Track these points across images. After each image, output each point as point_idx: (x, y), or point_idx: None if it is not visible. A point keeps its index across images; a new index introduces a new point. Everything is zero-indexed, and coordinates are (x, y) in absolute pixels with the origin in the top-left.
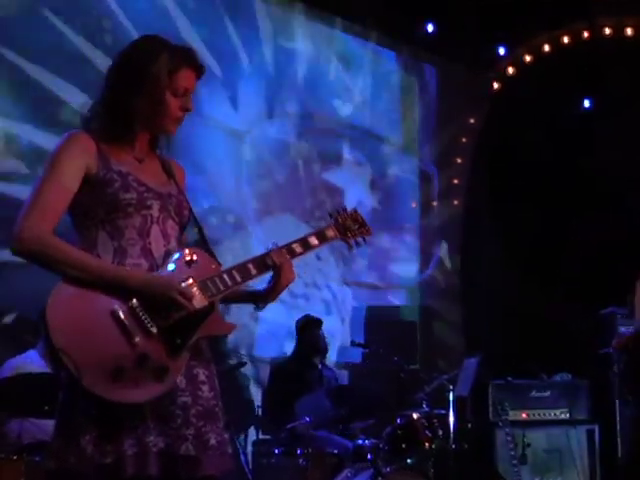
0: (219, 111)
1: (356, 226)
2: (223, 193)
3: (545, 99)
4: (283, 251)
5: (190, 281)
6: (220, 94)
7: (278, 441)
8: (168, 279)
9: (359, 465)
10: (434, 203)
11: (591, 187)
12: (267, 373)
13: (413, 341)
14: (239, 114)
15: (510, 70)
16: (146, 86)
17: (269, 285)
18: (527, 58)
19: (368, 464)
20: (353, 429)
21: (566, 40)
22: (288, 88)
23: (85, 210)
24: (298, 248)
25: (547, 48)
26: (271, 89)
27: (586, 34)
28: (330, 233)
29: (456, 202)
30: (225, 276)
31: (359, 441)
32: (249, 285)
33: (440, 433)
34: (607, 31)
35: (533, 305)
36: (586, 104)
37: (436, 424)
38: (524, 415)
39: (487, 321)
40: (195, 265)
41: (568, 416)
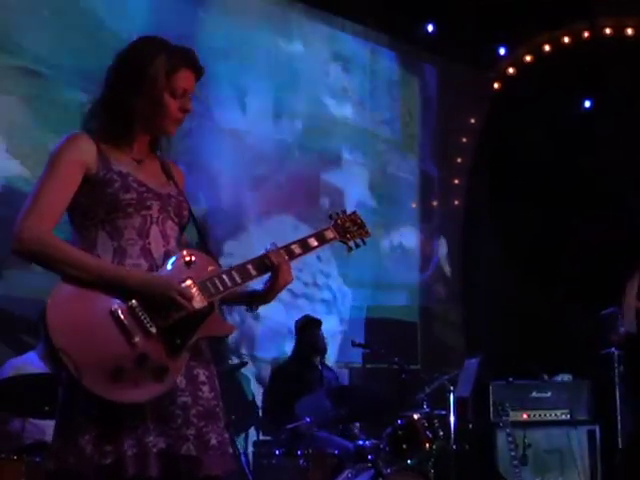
0: (220, 111)
1: (355, 228)
2: (223, 193)
3: (545, 99)
4: (281, 252)
5: (189, 282)
6: (220, 94)
7: (279, 442)
8: (167, 279)
9: (360, 466)
10: (434, 203)
11: (591, 187)
12: (268, 373)
13: (414, 341)
14: (239, 114)
15: (510, 70)
16: (144, 87)
17: (267, 286)
18: (527, 58)
19: (369, 465)
20: (354, 429)
21: (566, 40)
22: (288, 88)
23: (85, 210)
24: (297, 249)
25: (547, 48)
26: (270, 89)
27: (586, 34)
28: (329, 234)
29: (456, 202)
30: (224, 277)
31: (360, 442)
32: (248, 286)
33: (441, 434)
34: (607, 31)
35: (533, 305)
36: (586, 104)
37: (437, 425)
38: (525, 416)
39: (487, 321)
40: (194, 266)
41: (569, 417)
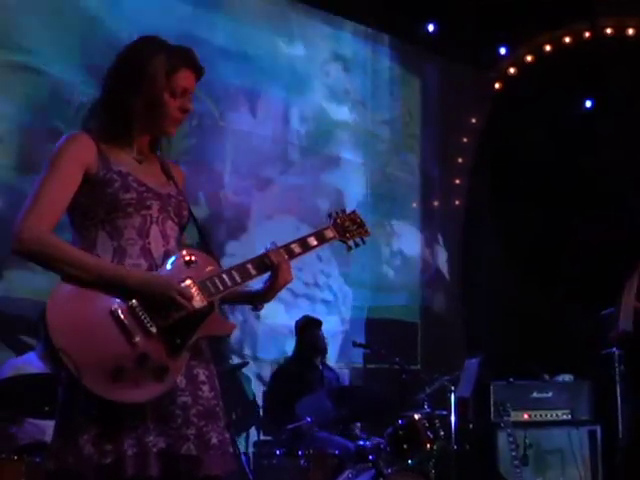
0: (221, 111)
1: (355, 227)
2: (225, 193)
3: (546, 99)
4: (281, 251)
5: (189, 281)
6: (220, 94)
7: (279, 442)
8: (167, 279)
9: (360, 466)
10: (435, 203)
11: (592, 187)
12: (268, 373)
13: (414, 342)
14: (239, 114)
15: (511, 70)
16: (144, 87)
17: (266, 285)
18: (528, 58)
19: (369, 465)
20: (354, 429)
21: (567, 40)
22: (288, 88)
23: (85, 210)
24: (297, 248)
25: (548, 48)
26: (270, 89)
27: (587, 34)
28: (329, 234)
29: (457, 202)
30: (224, 276)
31: (360, 442)
32: (248, 285)
33: (442, 434)
34: (608, 31)
35: (534, 305)
36: (587, 104)
37: (437, 425)
38: (526, 416)
39: (488, 321)
40: (194, 265)
41: (570, 417)
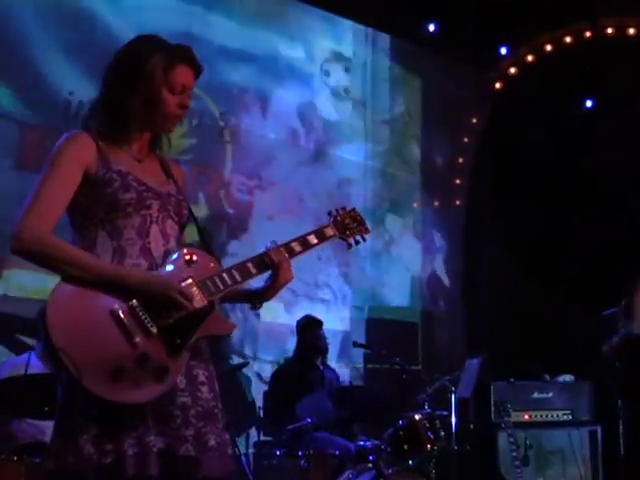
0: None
1: (355, 224)
2: (224, 193)
3: (547, 99)
4: (282, 250)
5: (189, 281)
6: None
7: (279, 442)
8: (167, 278)
9: (361, 466)
10: (435, 203)
11: (592, 187)
12: (269, 373)
13: (415, 342)
14: (239, 115)
15: (512, 70)
16: (142, 84)
17: (267, 283)
18: (529, 58)
19: (370, 465)
20: (355, 430)
21: (568, 40)
22: (288, 88)
23: (84, 210)
24: (297, 247)
25: (549, 48)
26: (270, 89)
27: (588, 34)
28: (329, 232)
29: (458, 202)
30: (225, 275)
31: (361, 442)
32: (248, 284)
33: (442, 434)
34: (609, 31)
35: (535, 305)
36: (588, 104)
37: (438, 425)
38: (526, 416)
39: (489, 321)
40: (194, 265)
41: (571, 417)
